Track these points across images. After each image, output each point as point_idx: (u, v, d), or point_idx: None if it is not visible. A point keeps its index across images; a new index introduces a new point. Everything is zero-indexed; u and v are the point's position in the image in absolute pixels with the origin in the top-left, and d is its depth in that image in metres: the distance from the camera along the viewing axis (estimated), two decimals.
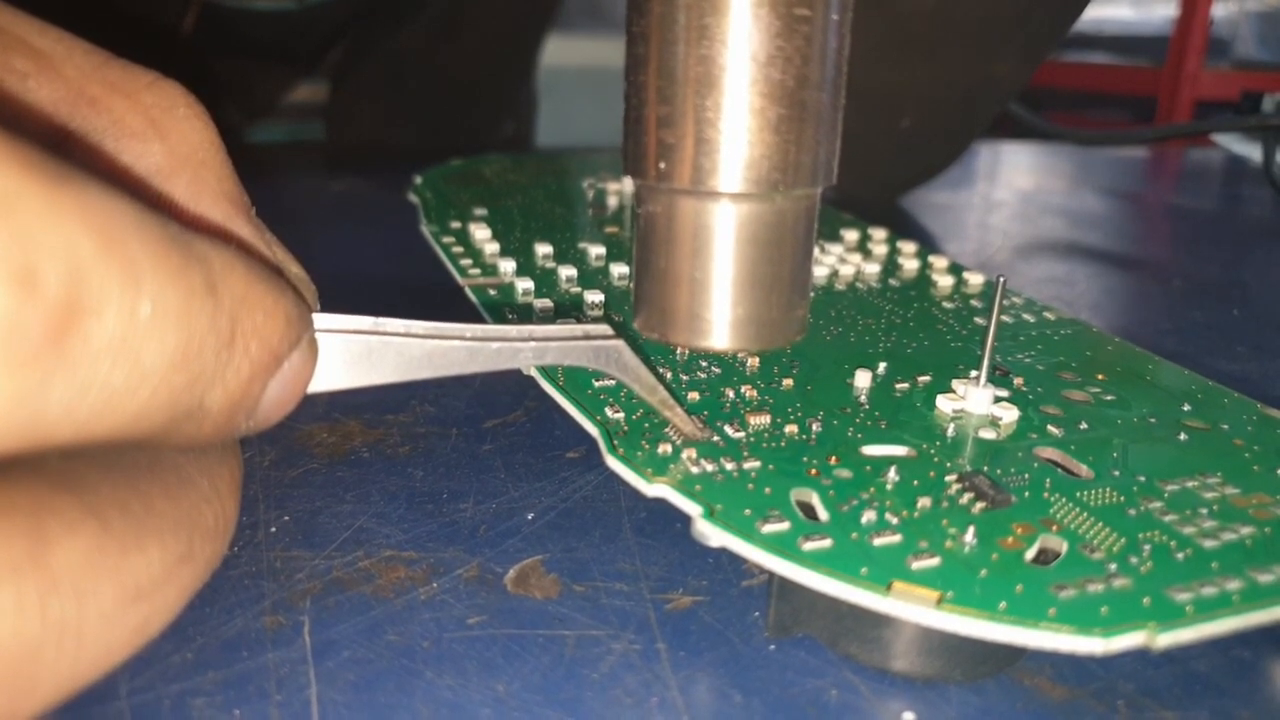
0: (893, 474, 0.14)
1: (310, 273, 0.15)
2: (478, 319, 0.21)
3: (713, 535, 0.13)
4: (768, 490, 0.14)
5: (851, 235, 0.28)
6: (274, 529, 0.15)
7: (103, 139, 0.13)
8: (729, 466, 0.14)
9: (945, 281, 0.24)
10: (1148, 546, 0.13)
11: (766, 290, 0.15)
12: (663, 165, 0.14)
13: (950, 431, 0.16)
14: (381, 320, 0.13)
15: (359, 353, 0.12)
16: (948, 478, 0.14)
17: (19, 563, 0.09)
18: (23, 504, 0.09)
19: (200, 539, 0.11)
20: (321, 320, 0.12)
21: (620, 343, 0.14)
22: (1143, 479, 0.14)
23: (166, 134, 0.13)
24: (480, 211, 0.29)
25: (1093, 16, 1.57)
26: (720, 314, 0.15)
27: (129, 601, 0.10)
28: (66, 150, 0.13)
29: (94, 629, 0.09)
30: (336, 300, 0.14)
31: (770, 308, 0.15)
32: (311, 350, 0.12)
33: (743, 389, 0.17)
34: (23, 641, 0.09)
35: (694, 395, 0.17)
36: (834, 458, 0.15)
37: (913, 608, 0.11)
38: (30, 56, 0.12)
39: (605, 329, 0.14)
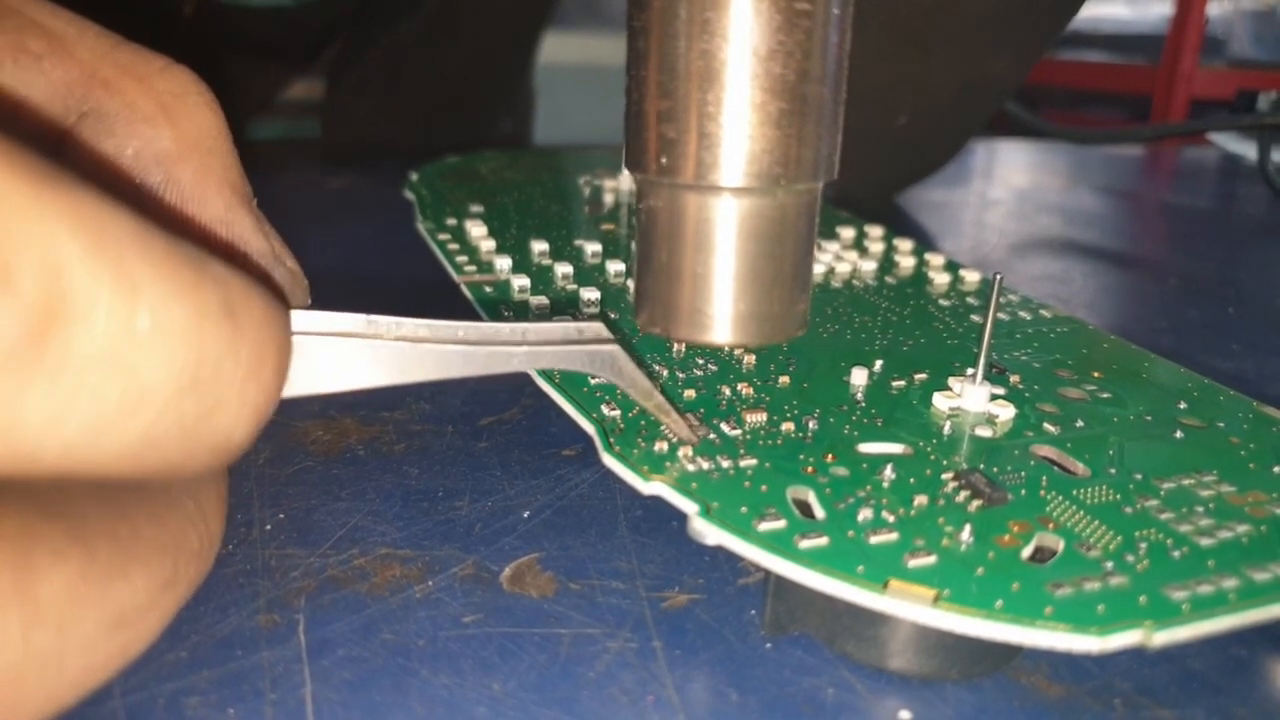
0: (889, 472, 0.14)
1: (306, 269, 0.15)
2: (473, 316, 0.21)
3: (709, 533, 0.13)
4: (764, 488, 0.14)
5: (848, 233, 0.28)
6: (269, 527, 0.15)
7: (114, 122, 0.13)
8: (725, 464, 0.14)
9: (942, 279, 0.24)
10: (1144, 544, 0.13)
11: (768, 285, 0.15)
12: (664, 160, 0.14)
13: (947, 429, 0.16)
14: (375, 319, 0.13)
15: (352, 356, 0.12)
16: (944, 476, 0.14)
17: (4, 593, 0.08)
18: (10, 532, 0.09)
19: (185, 563, 0.11)
20: (315, 322, 0.12)
21: (615, 348, 0.14)
22: (1139, 477, 0.14)
23: (177, 120, 0.13)
24: (476, 208, 0.29)
25: (1089, 15, 1.58)
26: (722, 309, 0.15)
27: (111, 629, 0.10)
28: (72, 143, 0.13)
29: (75, 656, 0.09)
30: (332, 297, 0.14)
31: (772, 302, 0.15)
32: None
33: (739, 386, 0.17)
34: (5, 669, 0.08)
35: (690, 393, 0.17)
36: (830, 455, 0.15)
37: (909, 606, 0.11)
38: (44, 38, 0.12)
39: (599, 328, 0.14)
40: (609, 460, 0.14)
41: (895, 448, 0.15)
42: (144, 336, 0.08)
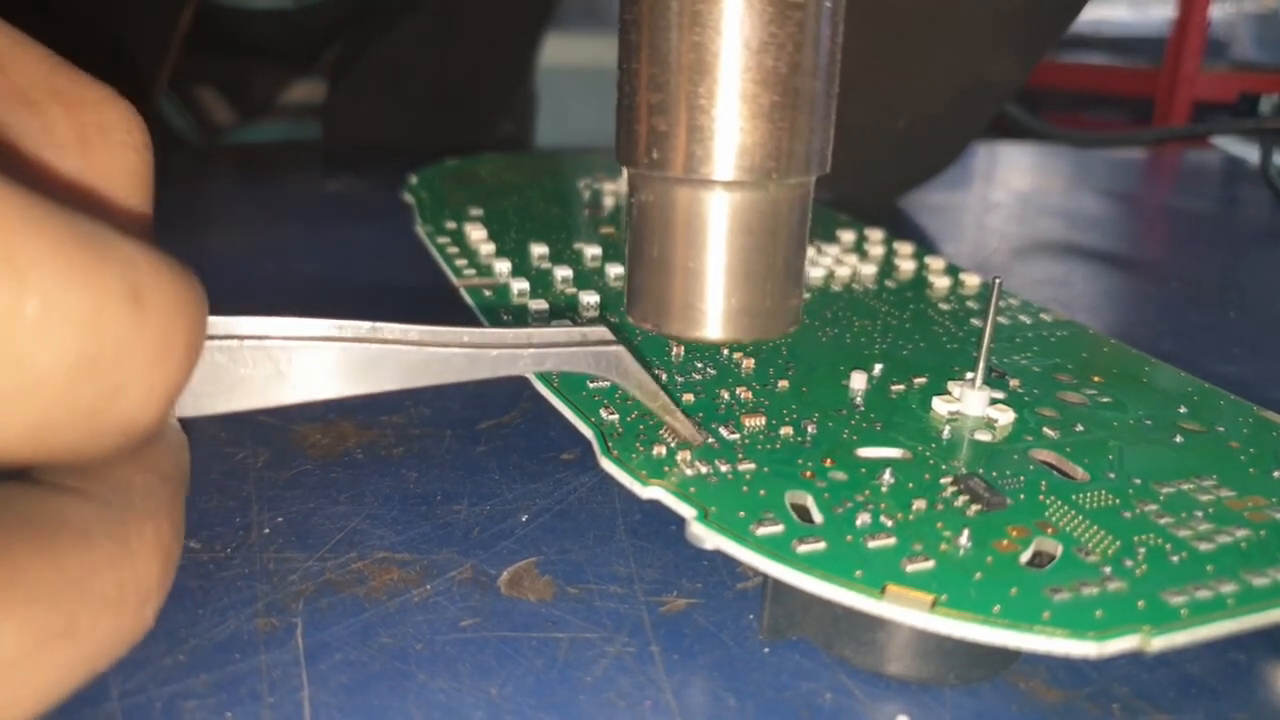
0: (888, 476, 0.14)
1: (306, 273, 0.15)
2: (473, 320, 0.21)
3: (707, 538, 0.13)
4: (762, 492, 0.14)
5: (848, 236, 0.28)
6: (267, 530, 0.15)
7: (27, 142, 0.12)
8: (724, 468, 0.14)
9: (942, 283, 0.24)
10: (1143, 549, 0.13)
11: (761, 280, 0.15)
12: (655, 153, 0.14)
13: (946, 434, 0.16)
14: (379, 326, 0.13)
15: (358, 361, 0.12)
16: (943, 480, 0.14)
17: None
18: None
19: (92, 611, 0.09)
20: (319, 328, 0.12)
21: (620, 349, 0.14)
22: (1138, 481, 0.14)
23: (92, 153, 0.12)
24: (475, 211, 0.29)
25: (1090, 17, 1.58)
26: (714, 304, 0.15)
27: None
28: None
29: None
30: (330, 301, 0.14)
31: (765, 297, 0.15)
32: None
33: (738, 390, 0.17)
34: None
35: (689, 397, 0.17)
36: (829, 460, 0.15)
37: (907, 611, 0.11)
38: None
39: (604, 332, 0.14)
40: (607, 464, 0.14)
41: (894, 452, 0.15)
42: (33, 323, 0.08)
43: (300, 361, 0.12)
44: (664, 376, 0.17)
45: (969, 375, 0.17)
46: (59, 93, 0.12)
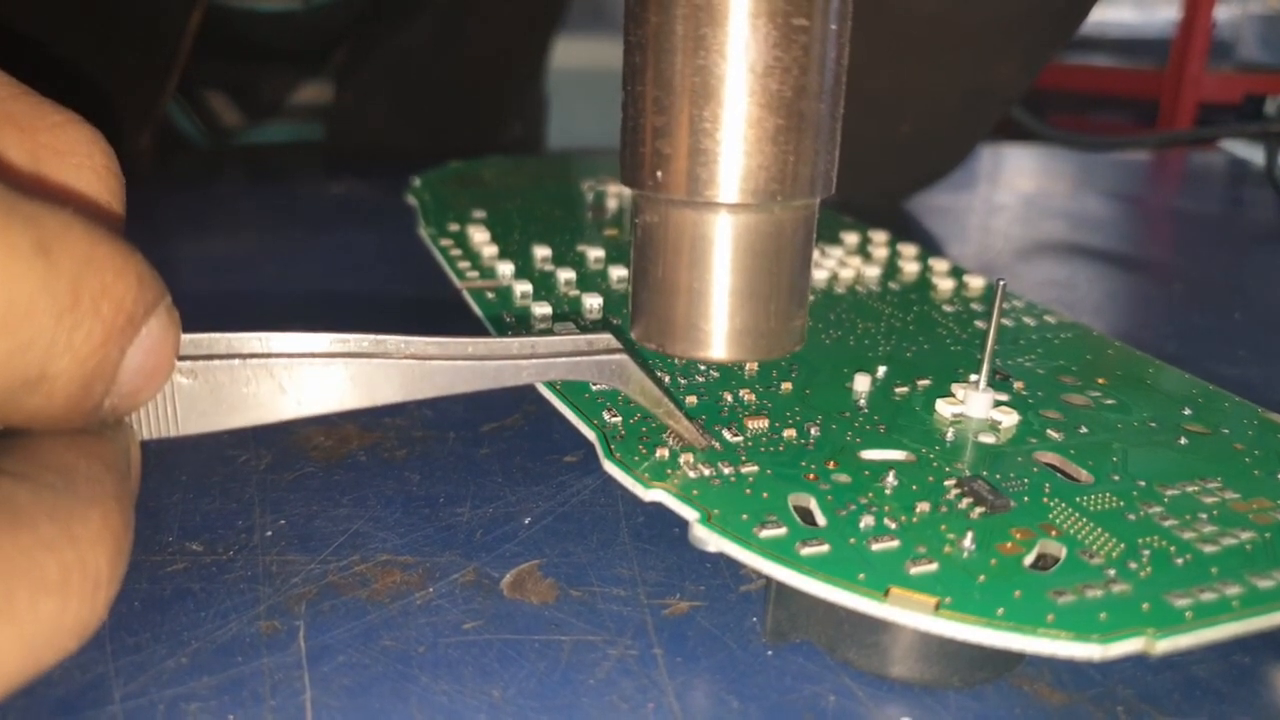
0: (891, 479, 0.14)
1: (307, 276, 0.15)
2: (476, 323, 0.21)
3: (710, 540, 0.13)
4: (765, 495, 0.14)
5: (852, 238, 0.28)
6: (269, 533, 0.15)
7: None
8: (726, 471, 0.14)
9: (946, 285, 0.24)
10: (1147, 552, 0.12)
11: (765, 301, 0.15)
12: (660, 175, 0.14)
13: (949, 436, 0.16)
14: (381, 338, 0.13)
15: (363, 375, 0.12)
16: (946, 482, 0.14)
17: None
18: None
19: (32, 593, 0.09)
20: (323, 343, 0.12)
21: (624, 358, 0.14)
22: (1142, 484, 0.14)
23: (46, 176, 0.12)
24: (479, 214, 0.29)
25: (1095, 19, 1.57)
26: (718, 325, 0.15)
27: None
28: None
29: None
30: (333, 305, 0.14)
31: (768, 318, 0.15)
32: (171, 316, 0.11)
33: (741, 393, 0.17)
34: None
35: (692, 399, 0.17)
36: (832, 462, 0.15)
37: (910, 613, 0.11)
38: None
39: (608, 340, 0.14)
40: (610, 467, 0.14)
41: (897, 454, 0.15)
42: None
43: (303, 377, 0.12)
44: (667, 379, 0.17)
45: (973, 377, 0.17)
46: (13, 116, 0.12)
